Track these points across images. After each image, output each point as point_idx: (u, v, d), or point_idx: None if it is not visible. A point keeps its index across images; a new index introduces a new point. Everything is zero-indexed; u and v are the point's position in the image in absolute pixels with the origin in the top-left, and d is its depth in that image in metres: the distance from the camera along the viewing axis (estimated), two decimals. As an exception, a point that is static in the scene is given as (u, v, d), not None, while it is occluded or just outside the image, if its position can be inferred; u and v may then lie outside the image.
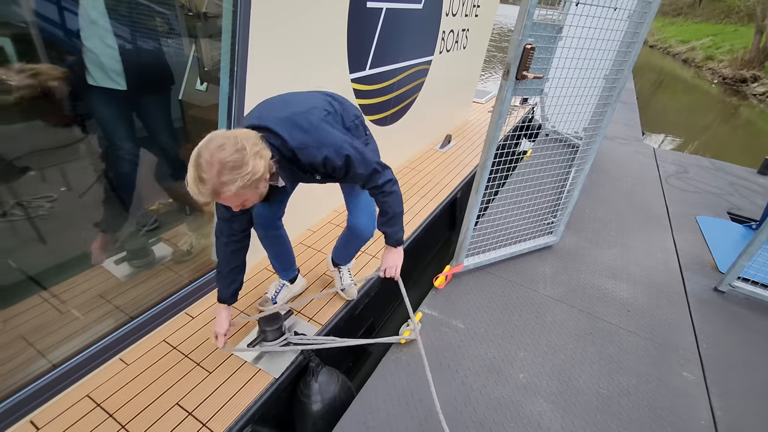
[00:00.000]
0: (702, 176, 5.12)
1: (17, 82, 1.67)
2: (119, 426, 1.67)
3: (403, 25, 3.39)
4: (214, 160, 1.24)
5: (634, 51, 2.44)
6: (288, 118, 1.45)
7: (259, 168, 1.31)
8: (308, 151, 1.46)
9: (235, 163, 1.25)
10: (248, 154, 1.27)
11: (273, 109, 1.52)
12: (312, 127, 1.46)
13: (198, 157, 1.25)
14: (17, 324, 1.85)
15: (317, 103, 1.59)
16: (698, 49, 23.73)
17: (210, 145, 1.25)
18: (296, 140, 1.43)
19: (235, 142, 1.26)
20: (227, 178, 1.25)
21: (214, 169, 1.24)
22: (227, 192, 1.29)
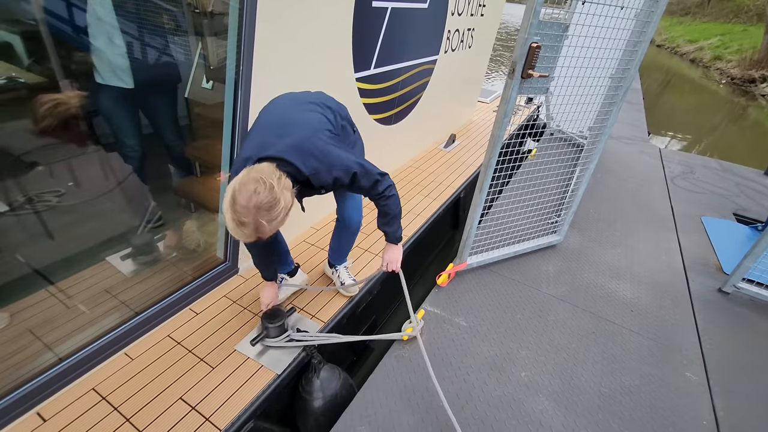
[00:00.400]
0: (708, 177, 5.09)
1: (41, 113, 1.73)
2: (124, 419, 1.69)
3: (409, 24, 3.39)
4: (251, 205, 1.33)
5: (640, 50, 2.43)
6: (298, 146, 1.53)
7: (289, 199, 1.42)
8: (320, 176, 1.57)
9: (270, 203, 1.35)
10: (278, 192, 1.37)
11: (277, 134, 1.56)
12: (321, 154, 1.55)
13: (234, 204, 1.34)
14: (25, 318, 1.88)
15: (317, 123, 1.64)
16: (706, 49, 23.52)
17: (244, 191, 1.34)
18: (309, 167, 1.53)
19: (264, 183, 1.35)
20: (266, 218, 1.37)
21: (252, 213, 1.34)
22: (266, 229, 1.40)
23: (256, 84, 2.09)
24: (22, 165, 1.91)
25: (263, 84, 2.13)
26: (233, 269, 2.49)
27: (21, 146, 1.87)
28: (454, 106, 5.27)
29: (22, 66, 1.79)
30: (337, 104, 1.88)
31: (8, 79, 1.79)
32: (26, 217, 1.96)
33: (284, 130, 1.57)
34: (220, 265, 2.42)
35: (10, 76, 1.79)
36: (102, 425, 1.66)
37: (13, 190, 1.89)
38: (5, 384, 1.63)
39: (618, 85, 2.57)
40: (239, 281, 2.49)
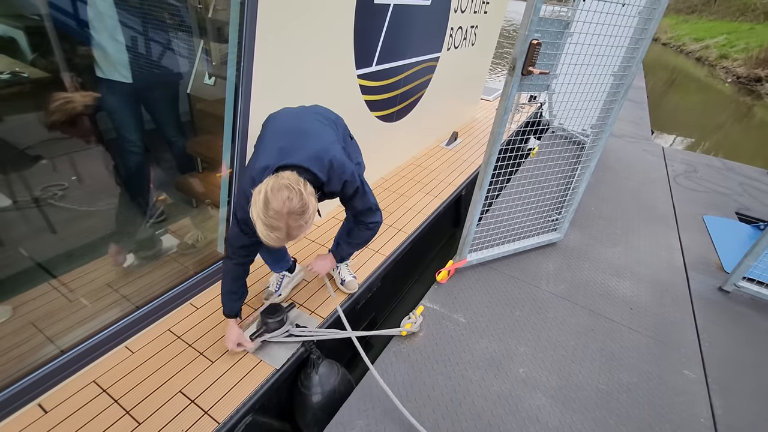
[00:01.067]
0: (711, 176, 5.06)
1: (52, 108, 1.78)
2: (124, 412, 1.71)
3: (411, 21, 3.39)
4: (284, 211, 1.40)
5: (642, 47, 2.42)
6: (316, 156, 1.62)
7: (315, 204, 1.51)
8: (332, 184, 1.69)
9: (302, 208, 1.43)
10: (306, 197, 1.45)
11: (295, 144, 1.64)
12: (337, 164, 1.66)
13: (267, 210, 1.40)
14: (28, 311, 1.91)
15: (331, 136, 1.75)
16: (712, 48, 23.36)
17: (278, 197, 1.40)
18: (325, 175, 1.64)
19: (295, 190, 1.43)
20: (298, 223, 1.45)
21: (284, 218, 1.41)
22: (298, 233, 1.48)
23: (257, 80, 2.10)
24: (27, 158, 1.93)
25: (264, 80, 2.14)
26: (234, 264, 2.50)
27: (25, 140, 1.89)
28: (457, 103, 5.26)
29: (26, 60, 1.81)
30: (336, 116, 1.98)
31: (12, 73, 1.80)
32: (29, 211, 1.98)
33: (301, 140, 1.65)
34: (221, 260, 2.43)
35: (13, 71, 1.81)
36: (102, 417, 1.68)
37: (17, 183, 1.91)
38: (7, 375, 1.65)
39: (620, 83, 2.56)
40: (240, 276, 2.50)
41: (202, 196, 2.67)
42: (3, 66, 1.78)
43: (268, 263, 2.32)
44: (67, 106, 1.82)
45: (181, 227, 2.57)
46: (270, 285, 2.36)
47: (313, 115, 1.83)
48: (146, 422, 1.68)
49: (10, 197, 1.90)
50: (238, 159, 2.20)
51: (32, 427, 1.62)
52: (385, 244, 2.95)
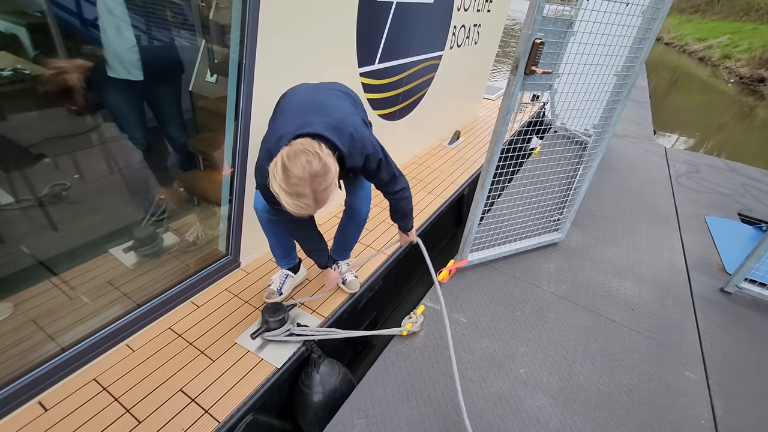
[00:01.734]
0: (714, 177, 5.05)
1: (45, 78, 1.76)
2: (124, 410, 1.71)
3: (414, 19, 3.38)
4: (306, 175, 1.35)
5: (645, 47, 2.41)
6: (336, 126, 1.56)
7: (336, 165, 1.45)
8: (353, 157, 1.62)
9: (324, 169, 1.38)
10: (324, 158, 1.39)
11: (313, 114, 1.58)
12: (357, 135, 1.60)
13: (288, 178, 1.35)
14: (29, 308, 1.90)
15: (350, 108, 1.70)
16: (715, 48, 23.28)
17: (297, 164, 1.35)
18: (345, 146, 1.57)
19: (311, 152, 1.37)
20: (323, 185, 1.39)
21: (308, 182, 1.36)
22: (325, 196, 1.42)
23: (259, 77, 2.09)
24: (30, 157, 1.93)
25: (266, 78, 2.13)
26: (235, 263, 2.51)
27: (28, 138, 1.88)
28: (459, 102, 5.25)
29: (28, 57, 1.80)
30: (356, 95, 1.92)
31: (14, 70, 1.80)
32: (31, 208, 1.98)
33: (319, 111, 1.59)
34: (222, 258, 2.44)
35: (15, 68, 1.80)
36: (102, 415, 1.68)
37: (20, 181, 1.91)
38: (8, 373, 1.65)
39: (623, 83, 2.55)
40: (241, 275, 2.51)
41: (203, 193, 2.67)
42: (5, 63, 1.78)
43: (276, 256, 2.32)
44: (59, 77, 1.79)
45: (182, 225, 2.56)
46: (272, 283, 2.36)
47: (332, 90, 1.78)
48: (146, 421, 1.68)
49: (12, 195, 1.89)
50: (239, 157, 2.20)
51: (32, 425, 1.62)
52: (387, 242, 2.94)
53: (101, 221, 2.29)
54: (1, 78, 1.77)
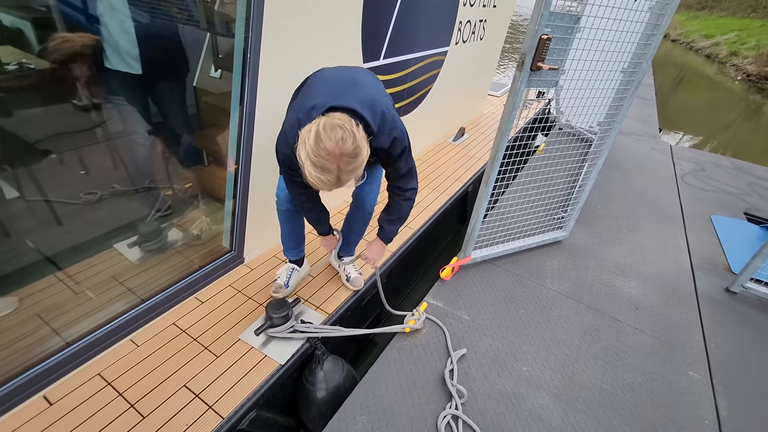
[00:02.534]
0: (720, 175, 5.02)
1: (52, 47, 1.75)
2: (128, 405, 1.72)
3: (419, 14, 3.36)
4: (337, 151, 1.31)
5: (653, 44, 2.39)
6: (369, 103, 1.52)
7: (368, 150, 1.42)
8: (381, 137, 1.58)
9: (355, 151, 1.35)
10: (359, 140, 1.36)
11: (347, 89, 1.55)
12: (389, 115, 1.57)
13: (318, 149, 1.30)
14: (33, 302, 1.91)
15: (382, 90, 1.68)
16: (722, 45, 23.07)
17: (331, 136, 1.31)
18: (376, 124, 1.54)
19: (349, 130, 1.34)
20: (350, 167, 1.36)
21: (337, 159, 1.32)
22: (348, 177, 1.39)
23: (264, 72, 2.08)
24: (36, 153, 1.94)
25: (271, 72, 2.12)
26: (239, 259, 2.51)
27: (34, 134, 1.89)
28: (464, 99, 5.22)
29: (33, 52, 1.80)
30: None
31: (19, 65, 1.80)
32: (36, 203, 1.99)
33: (353, 87, 1.57)
34: (226, 254, 2.44)
35: (21, 62, 1.80)
36: (107, 410, 1.69)
37: (25, 176, 1.92)
38: (13, 367, 1.66)
39: (629, 80, 2.53)
40: (245, 271, 2.51)
41: (208, 189, 2.67)
42: (11, 58, 1.78)
43: (287, 247, 2.33)
44: (65, 45, 1.79)
45: (186, 221, 2.57)
46: (278, 278, 2.36)
47: (365, 72, 1.77)
48: (150, 416, 1.68)
49: (17, 190, 1.90)
50: (244, 153, 2.19)
51: (37, 419, 1.63)
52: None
53: (106, 216, 2.29)
54: (7, 72, 1.78)
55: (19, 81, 1.81)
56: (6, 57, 1.75)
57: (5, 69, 1.77)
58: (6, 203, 1.87)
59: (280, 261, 2.61)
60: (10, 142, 1.82)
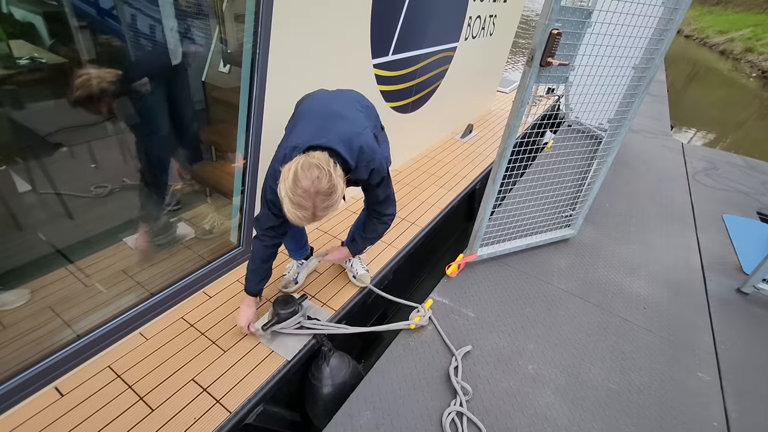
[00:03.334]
0: (732, 174, 4.94)
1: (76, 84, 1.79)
2: (138, 397, 1.75)
3: (429, 9, 3.34)
4: (312, 190, 1.41)
5: (667, 39, 2.35)
6: (347, 140, 1.60)
7: (343, 187, 1.51)
8: (359, 170, 1.67)
9: (330, 189, 1.44)
10: (335, 179, 1.45)
11: (327, 126, 1.62)
12: (367, 149, 1.64)
13: (296, 188, 1.41)
14: (45, 295, 1.94)
15: (363, 122, 1.74)
16: (737, 41, 22.64)
17: (308, 176, 1.40)
18: (353, 161, 1.62)
19: (324, 170, 1.43)
20: (326, 204, 1.46)
21: (312, 197, 1.42)
22: (323, 214, 1.49)
23: (272, 68, 2.09)
24: (48, 146, 1.96)
25: (280, 68, 2.12)
26: (246, 254, 2.52)
27: (45, 128, 1.90)
28: (473, 95, 5.19)
29: (44, 46, 1.81)
30: (370, 103, 1.97)
31: (31, 59, 1.81)
32: (47, 196, 2.01)
33: (333, 122, 1.64)
34: (234, 249, 2.45)
35: (32, 57, 1.81)
36: (117, 402, 1.72)
37: (36, 169, 1.94)
38: (26, 358, 1.69)
39: (641, 76, 2.49)
40: (252, 266, 2.52)
41: (216, 184, 2.69)
42: (22, 52, 1.79)
43: (290, 249, 2.36)
44: (91, 83, 1.82)
45: (195, 215, 2.59)
46: (287, 272, 2.38)
47: (349, 100, 1.83)
48: (159, 409, 1.71)
49: (29, 183, 1.92)
50: (252, 148, 2.20)
51: (49, 410, 1.66)
52: (398, 237, 2.94)
53: (116, 210, 2.31)
54: (19, 66, 1.79)
55: (31, 75, 1.83)
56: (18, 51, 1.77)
57: (18, 63, 1.78)
58: (18, 196, 1.89)
59: (287, 257, 2.62)
60: (23, 134, 1.84)
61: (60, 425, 1.61)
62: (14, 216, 1.91)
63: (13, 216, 1.90)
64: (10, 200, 1.86)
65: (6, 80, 1.72)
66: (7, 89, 1.74)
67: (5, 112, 1.75)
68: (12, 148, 1.84)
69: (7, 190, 1.83)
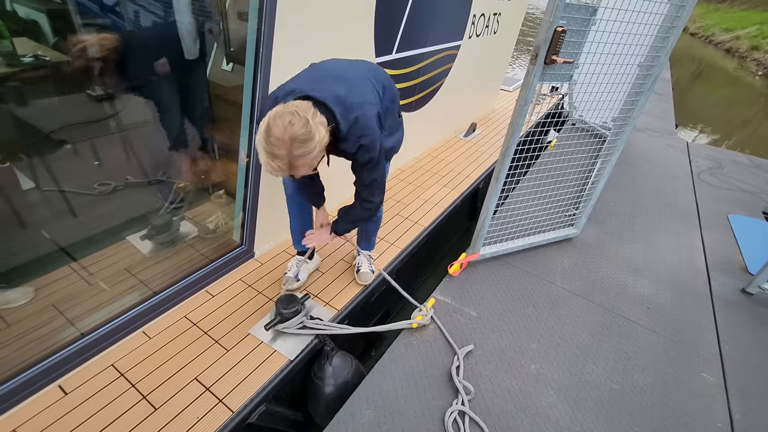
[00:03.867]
0: (738, 173, 4.91)
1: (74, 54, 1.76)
2: (141, 396, 1.75)
3: (433, 7, 3.32)
4: (285, 137, 1.33)
5: (672, 37, 2.32)
6: (347, 104, 1.52)
7: (323, 135, 1.41)
8: (348, 141, 1.57)
9: (305, 136, 1.35)
10: (312, 126, 1.37)
11: (330, 83, 1.55)
12: (362, 122, 1.55)
13: (268, 136, 1.34)
14: (49, 293, 1.95)
15: (369, 96, 1.64)
16: (743, 39, 22.47)
17: (279, 123, 1.33)
18: (345, 126, 1.53)
19: (299, 116, 1.35)
20: (301, 151, 1.36)
21: (287, 145, 1.34)
22: (301, 163, 1.39)
23: (276, 65, 2.08)
24: (51, 143, 1.96)
25: (283, 65, 2.12)
26: (249, 253, 2.53)
27: (49, 125, 1.91)
28: (476, 94, 5.18)
29: (48, 44, 1.81)
30: (391, 85, 1.87)
31: (34, 57, 1.81)
32: (51, 194, 2.01)
33: (338, 82, 1.56)
34: (237, 248, 2.46)
35: (36, 54, 1.82)
36: (120, 401, 1.72)
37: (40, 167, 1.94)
38: (29, 356, 1.70)
39: (646, 74, 2.47)
40: (255, 265, 2.53)
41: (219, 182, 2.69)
42: (26, 49, 1.79)
43: (295, 239, 2.35)
44: (87, 52, 1.79)
45: (198, 213, 2.59)
46: (289, 270, 2.38)
47: (364, 72, 1.73)
48: (162, 408, 1.71)
49: (33, 181, 1.93)
50: (255, 147, 2.19)
51: (53, 408, 1.66)
52: (401, 236, 2.94)
53: (119, 208, 2.32)
54: (22, 64, 1.79)
55: (36, 72, 1.83)
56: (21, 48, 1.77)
57: (22, 60, 1.78)
58: (22, 193, 1.90)
59: (290, 256, 2.62)
60: (26, 132, 1.84)
61: (63, 424, 1.62)
62: (18, 213, 1.92)
63: (16, 213, 1.91)
64: (14, 197, 1.86)
65: (10, 78, 1.72)
66: (11, 86, 1.74)
67: (9, 110, 1.75)
68: (16, 146, 1.84)
69: (11, 187, 1.83)
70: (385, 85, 1.81)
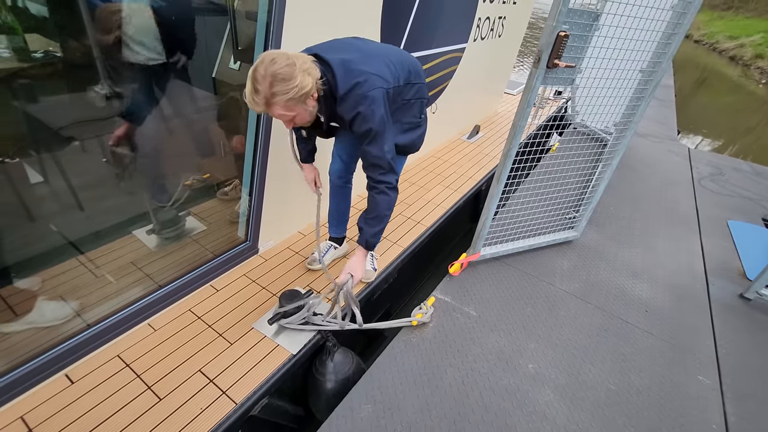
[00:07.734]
0: (739, 180, 4.93)
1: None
2: (146, 387, 1.78)
3: (439, 10, 3.36)
4: (267, 72, 1.39)
5: (674, 43, 2.35)
6: (354, 71, 1.55)
7: (307, 83, 1.45)
8: (344, 104, 1.58)
9: (286, 75, 1.40)
10: (297, 69, 1.42)
11: (345, 51, 1.61)
12: (363, 89, 1.55)
13: (254, 71, 1.41)
14: (56, 284, 1.98)
15: (383, 71, 1.64)
16: (747, 46, 22.46)
17: (265, 59, 1.41)
18: (345, 89, 1.55)
19: (287, 57, 1.42)
20: (278, 89, 1.41)
21: (268, 81, 1.40)
22: (278, 102, 1.44)
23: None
24: (60, 139, 1.99)
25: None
26: (253, 249, 2.56)
27: (58, 121, 1.94)
28: (480, 96, 5.21)
29: (58, 40, 1.84)
30: (419, 77, 1.89)
31: (45, 53, 1.85)
32: (58, 188, 2.05)
33: (352, 53, 1.61)
34: (241, 244, 2.49)
35: (47, 50, 1.85)
36: (125, 391, 1.76)
37: (49, 161, 1.98)
38: (37, 345, 1.73)
39: (648, 79, 2.50)
40: (259, 261, 2.56)
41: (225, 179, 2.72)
42: (37, 45, 1.82)
43: (331, 224, 2.48)
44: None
45: (203, 210, 2.62)
46: (316, 251, 2.44)
47: (388, 51, 1.76)
48: (167, 398, 1.75)
49: (42, 175, 1.96)
50: (261, 144, 2.23)
51: (60, 396, 1.70)
52: (404, 236, 2.97)
53: (126, 203, 2.35)
54: (34, 60, 1.82)
55: (45, 69, 1.86)
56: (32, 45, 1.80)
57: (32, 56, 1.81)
58: (30, 187, 1.93)
59: (293, 253, 2.66)
60: (35, 127, 1.88)
61: (70, 411, 1.66)
62: (26, 206, 1.95)
63: (25, 206, 1.94)
64: (23, 191, 1.90)
65: (20, 73, 1.75)
66: (22, 82, 1.78)
67: (19, 105, 1.79)
68: (25, 141, 1.88)
69: (20, 181, 1.87)
70: (411, 72, 1.80)
